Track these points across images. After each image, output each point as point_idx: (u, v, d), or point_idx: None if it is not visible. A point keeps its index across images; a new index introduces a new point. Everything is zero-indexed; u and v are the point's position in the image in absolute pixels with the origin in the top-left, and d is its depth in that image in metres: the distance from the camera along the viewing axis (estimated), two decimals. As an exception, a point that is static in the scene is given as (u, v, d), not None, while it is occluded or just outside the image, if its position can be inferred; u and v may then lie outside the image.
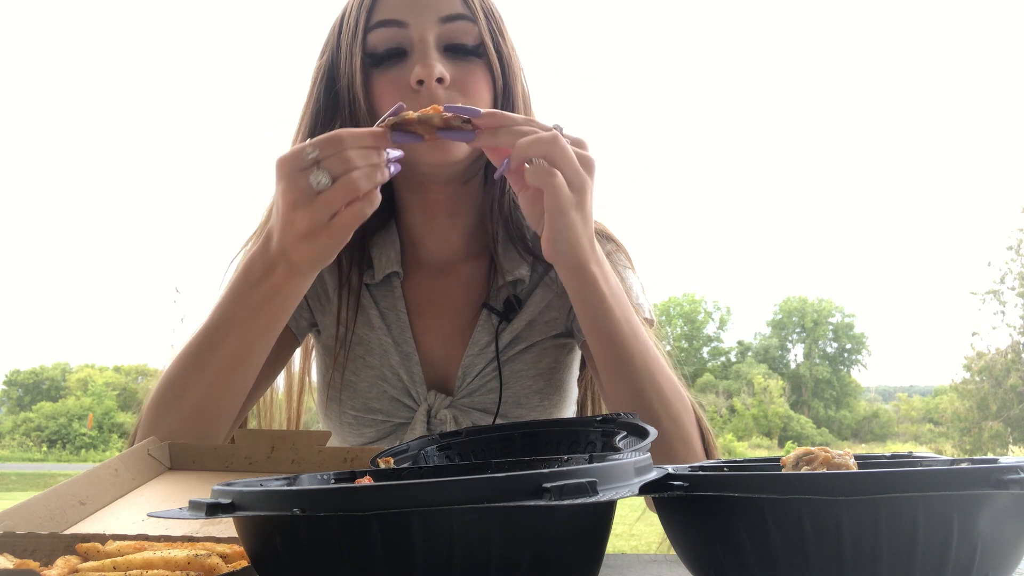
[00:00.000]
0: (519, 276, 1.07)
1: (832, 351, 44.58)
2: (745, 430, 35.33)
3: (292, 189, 0.78)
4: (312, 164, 0.78)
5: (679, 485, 0.51)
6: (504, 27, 1.02)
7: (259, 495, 0.44)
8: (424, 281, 1.10)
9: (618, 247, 1.11)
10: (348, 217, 0.79)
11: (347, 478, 0.60)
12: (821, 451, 0.57)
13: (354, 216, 0.79)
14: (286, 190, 0.79)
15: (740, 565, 0.50)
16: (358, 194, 0.78)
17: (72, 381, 36.32)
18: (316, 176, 0.77)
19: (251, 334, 0.88)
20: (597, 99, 73.49)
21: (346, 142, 0.78)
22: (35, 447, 29.78)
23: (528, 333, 1.07)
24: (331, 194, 0.78)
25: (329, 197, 0.78)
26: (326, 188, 0.77)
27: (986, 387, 26.00)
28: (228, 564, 0.54)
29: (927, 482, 0.45)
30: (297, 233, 0.80)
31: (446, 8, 0.96)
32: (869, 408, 43.66)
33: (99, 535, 0.60)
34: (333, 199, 0.78)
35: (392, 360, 1.06)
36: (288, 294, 0.86)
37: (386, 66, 0.97)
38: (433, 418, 1.04)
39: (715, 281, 65.36)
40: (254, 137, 16.09)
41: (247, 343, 0.89)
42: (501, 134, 0.81)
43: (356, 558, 0.43)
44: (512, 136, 0.81)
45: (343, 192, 0.78)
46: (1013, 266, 26.36)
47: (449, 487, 0.41)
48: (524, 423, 0.78)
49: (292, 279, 0.85)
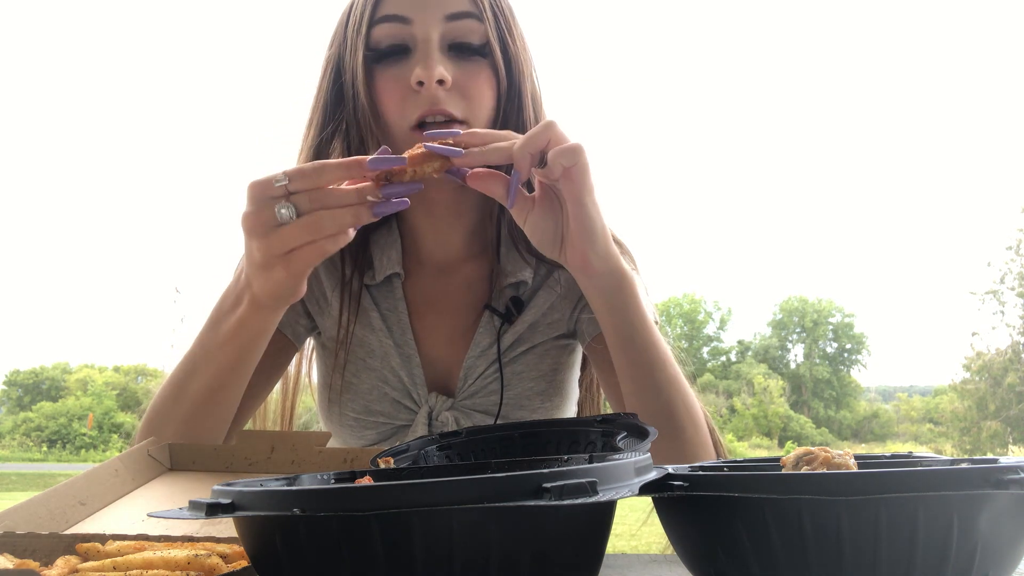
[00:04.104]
0: (522, 279, 1.07)
1: (832, 351, 44.57)
2: (745, 430, 35.31)
3: (254, 217, 0.75)
4: (282, 194, 0.74)
5: (679, 485, 0.51)
6: (515, 25, 1.00)
7: (259, 495, 0.44)
8: (425, 282, 1.10)
9: (623, 249, 1.10)
10: (307, 254, 0.75)
11: (347, 478, 0.60)
12: (821, 451, 0.57)
13: (314, 254, 0.75)
14: (247, 216, 0.76)
15: (740, 565, 0.50)
16: (321, 235, 0.74)
17: (72, 381, 36.30)
18: (280, 208, 0.74)
19: (221, 368, 0.87)
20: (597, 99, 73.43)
21: (320, 176, 0.74)
22: (35, 447, 29.77)
23: (530, 335, 1.07)
24: (290, 229, 0.74)
25: (287, 232, 0.74)
26: (288, 222, 0.74)
27: (984, 387, 26.00)
28: (228, 564, 0.54)
29: (927, 482, 0.45)
30: (253, 263, 0.78)
31: (452, 5, 0.95)
32: (869, 408, 43.65)
33: (99, 535, 0.60)
34: (290, 235, 0.74)
35: (393, 362, 1.06)
36: (253, 329, 0.85)
37: (388, 62, 0.96)
38: (434, 420, 1.04)
39: (715, 281, 65.33)
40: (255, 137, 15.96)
41: (218, 378, 0.88)
42: (490, 152, 0.77)
43: (356, 558, 0.43)
44: (500, 153, 0.77)
45: (304, 230, 0.74)
46: (1013, 266, 26.37)
47: (449, 487, 0.41)
48: (524, 423, 0.77)
49: (257, 313, 0.83)
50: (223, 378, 0.88)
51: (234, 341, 0.86)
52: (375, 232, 1.09)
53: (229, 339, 0.86)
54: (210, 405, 0.89)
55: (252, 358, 0.89)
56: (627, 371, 0.89)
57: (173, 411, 0.90)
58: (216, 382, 0.88)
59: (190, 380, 0.89)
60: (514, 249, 1.07)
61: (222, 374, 0.88)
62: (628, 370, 0.89)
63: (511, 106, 1.00)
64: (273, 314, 0.85)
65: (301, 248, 0.75)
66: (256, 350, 0.88)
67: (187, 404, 0.89)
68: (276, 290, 0.79)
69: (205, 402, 0.89)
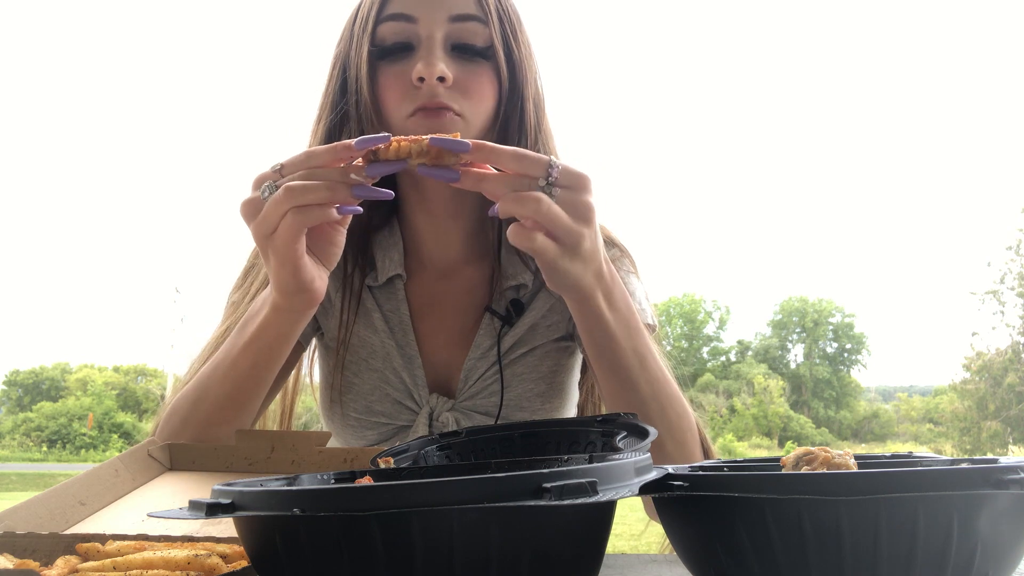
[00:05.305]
0: (522, 281, 1.07)
1: (832, 351, 44.60)
2: (745, 430, 35.32)
3: (248, 202, 0.78)
4: (273, 179, 0.77)
5: (679, 485, 0.51)
6: (520, 29, 1.01)
7: (259, 495, 0.44)
8: (427, 283, 1.10)
9: (622, 252, 1.11)
10: (284, 230, 0.75)
11: (347, 478, 0.60)
12: (821, 451, 0.57)
13: (289, 228, 0.75)
14: (243, 203, 0.78)
15: (740, 565, 0.50)
16: (291, 204, 0.74)
17: (72, 381, 36.33)
18: (263, 188, 0.76)
19: (241, 371, 0.88)
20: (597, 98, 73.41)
21: (310, 160, 0.75)
22: (35, 447, 29.78)
23: (530, 337, 1.07)
24: (268, 205, 0.75)
25: (267, 208, 0.75)
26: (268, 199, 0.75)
27: (984, 387, 26.01)
28: (228, 564, 0.54)
29: (927, 482, 0.45)
30: (259, 255, 0.80)
31: (458, 7, 0.96)
32: (869, 408, 43.68)
33: (99, 535, 0.60)
34: (269, 209, 0.75)
35: (395, 363, 1.06)
36: (273, 333, 0.85)
37: (392, 59, 0.97)
38: (435, 421, 1.04)
39: (715, 281, 65.40)
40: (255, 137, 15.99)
41: (238, 381, 0.89)
42: (486, 183, 0.75)
43: (356, 558, 0.43)
44: (497, 186, 0.75)
45: (278, 201, 0.74)
46: (1013, 266, 26.39)
47: (449, 487, 0.41)
48: (524, 423, 0.77)
49: (276, 316, 0.84)
50: (243, 382, 0.89)
51: (255, 345, 0.86)
52: (377, 234, 1.10)
53: (251, 343, 0.86)
54: (230, 409, 0.90)
55: (272, 363, 0.89)
56: (604, 389, 0.89)
57: (193, 413, 0.90)
58: (235, 386, 0.89)
59: (212, 383, 0.89)
60: (514, 252, 1.08)
61: (242, 378, 0.88)
62: (604, 388, 0.89)
63: (512, 108, 1.00)
64: (292, 317, 0.84)
65: (280, 225, 0.75)
66: (276, 355, 0.88)
67: (208, 407, 0.89)
68: (277, 281, 0.80)
69: (225, 406, 0.89)
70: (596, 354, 0.87)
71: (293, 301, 0.82)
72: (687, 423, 0.90)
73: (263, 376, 0.90)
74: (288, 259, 0.77)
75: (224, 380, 0.89)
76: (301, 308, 0.83)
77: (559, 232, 0.75)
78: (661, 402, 0.88)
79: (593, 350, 0.87)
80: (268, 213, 0.75)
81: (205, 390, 0.90)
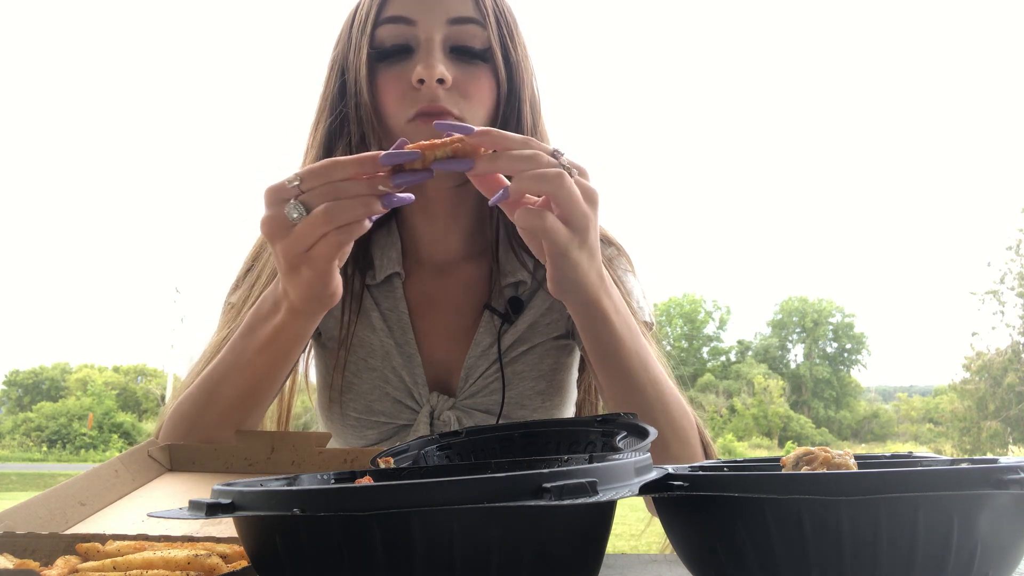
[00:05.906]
0: (520, 279, 1.07)
1: (832, 351, 44.61)
2: (745, 430, 35.33)
3: (270, 220, 0.76)
4: (294, 194, 0.75)
5: (679, 485, 0.51)
6: (517, 32, 1.02)
7: (259, 495, 0.44)
8: (425, 281, 1.10)
9: (619, 251, 1.11)
10: (324, 249, 0.75)
11: (347, 478, 0.60)
12: (821, 451, 0.57)
13: (331, 248, 0.75)
14: (264, 221, 0.77)
15: (740, 565, 0.50)
16: (331, 227, 0.74)
17: (72, 381, 36.33)
18: (290, 209, 0.75)
19: (255, 374, 0.88)
20: (597, 98, 73.42)
21: (332, 173, 0.74)
22: (35, 447, 29.79)
23: (530, 335, 1.07)
24: (303, 227, 0.74)
25: (301, 230, 0.74)
26: (299, 221, 0.75)
27: (984, 387, 26.02)
28: (228, 564, 0.54)
29: (927, 482, 0.45)
30: (281, 268, 0.78)
31: (456, 10, 0.96)
32: (869, 408, 43.69)
33: (99, 535, 0.60)
34: (304, 232, 0.74)
35: (394, 362, 1.06)
36: (290, 335, 0.85)
37: (391, 62, 0.97)
38: (436, 420, 1.04)
39: (715, 281, 65.41)
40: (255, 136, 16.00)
41: (251, 384, 0.88)
42: (501, 160, 0.75)
43: (356, 558, 0.43)
44: (513, 162, 0.75)
45: (316, 225, 0.74)
46: (1013, 266, 26.40)
47: (449, 487, 0.41)
48: (524, 423, 0.77)
49: (295, 319, 0.83)
50: (257, 384, 0.89)
51: (271, 347, 0.86)
52: (375, 233, 1.10)
53: (266, 345, 0.86)
54: (242, 411, 0.89)
55: (287, 364, 0.89)
56: (608, 392, 0.89)
57: (202, 416, 0.90)
58: (250, 388, 0.88)
59: (222, 385, 0.89)
60: (512, 251, 1.08)
61: (256, 380, 0.88)
62: (608, 391, 0.89)
63: (510, 110, 1.01)
64: (311, 319, 0.84)
65: (318, 244, 0.75)
66: (292, 357, 0.88)
67: (219, 409, 0.89)
68: (308, 292, 0.79)
69: (237, 408, 0.89)
70: (601, 357, 0.87)
71: (316, 305, 0.82)
72: (688, 422, 0.91)
73: (278, 376, 0.90)
74: (325, 272, 0.77)
75: (238, 382, 0.88)
76: (321, 311, 0.84)
77: (573, 213, 0.76)
78: (664, 403, 0.88)
79: (598, 354, 0.87)
80: (303, 234, 0.74)
81: (215, 393, 0.89)
